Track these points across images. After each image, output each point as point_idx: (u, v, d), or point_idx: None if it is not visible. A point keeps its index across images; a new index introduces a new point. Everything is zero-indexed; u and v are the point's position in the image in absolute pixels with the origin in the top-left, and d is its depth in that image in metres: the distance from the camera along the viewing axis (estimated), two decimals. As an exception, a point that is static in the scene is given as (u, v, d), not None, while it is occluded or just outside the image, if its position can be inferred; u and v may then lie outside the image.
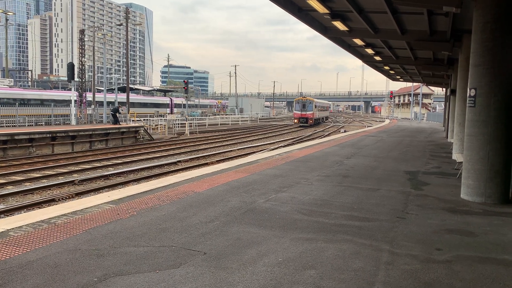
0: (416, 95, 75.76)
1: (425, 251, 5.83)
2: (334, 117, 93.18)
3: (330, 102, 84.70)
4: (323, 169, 12.95)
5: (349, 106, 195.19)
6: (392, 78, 44.34)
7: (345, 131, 41.33)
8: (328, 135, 38.04)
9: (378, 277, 4.90)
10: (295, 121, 55.69)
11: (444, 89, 47.43)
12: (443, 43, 16.78)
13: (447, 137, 27.50)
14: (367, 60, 27.14)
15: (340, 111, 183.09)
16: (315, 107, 56.04)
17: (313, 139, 33.12)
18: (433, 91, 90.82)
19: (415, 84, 65.22)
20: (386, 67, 31.79)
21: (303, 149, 18.90)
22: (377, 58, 24.77)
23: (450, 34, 15.37)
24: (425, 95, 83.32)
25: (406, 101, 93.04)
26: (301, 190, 9.67)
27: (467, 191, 9.23)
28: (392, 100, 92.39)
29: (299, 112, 55.15)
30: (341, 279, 4.81)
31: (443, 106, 67.09)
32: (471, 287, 4.72)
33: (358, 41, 19.70)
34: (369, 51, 22.44)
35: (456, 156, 14.16)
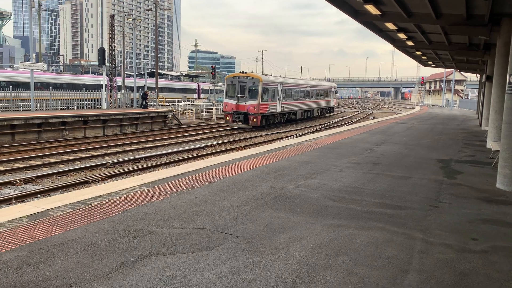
0: (448, 81, 73.75)
1: (460, 241, 5.73)
2: (362, 103, 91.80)
3: (334, 84, 51.79)
4: (353, 156, 12.82)
5: (378, 92, 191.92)
6: (424, 63, 43.15)
7: (374, 118, 40.71)
8: (357, 121, 37.56)
9: (412, 265, 4.85)
10: (227, 117, 30.98)
11: (478, 75, 45.93)
12: (480, 27, 16.16)
13: (480, 125, 26.71)
14: (399, 45, 26.46)
15: (369, 97, 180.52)
16: (265, 92, 30.18)
17: (340, 125, 32.77)
18: (466, 77, 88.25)
19: (447, 70, 63.44)
20: (418, 53, 30.93)
21: (331, 136, 18.74)
22: (409, 43, 24.11)
23: (488, 18, 14.78)
24: (458, 82, 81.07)
25: (437, 87, 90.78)
26: (330, 177, 9.62)
27: (503, 180, 8.97)
28: (423, 86, 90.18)
29: (234, 102, 30.05)
30: (374, 266, 4.79)
31: (476, 93, 65.12)
32: (510, 278, 4.62)
33: (390, 26, 19.20)
34: (401, 36, 21.85)
35: (491, 144, 13.75)
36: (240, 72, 31.60)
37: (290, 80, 37.75)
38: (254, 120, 29.59)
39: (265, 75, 33.87)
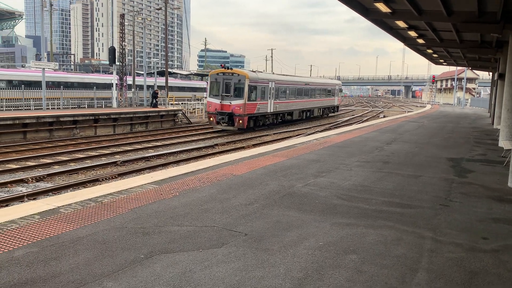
0: (459, 79, 73.05)
1: (470, 240, 5.68)
2: (372, 102, 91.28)
3: (339, 82, 48.78)
4: (363, 155, 12.76)
5: (389, 90, 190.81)
6: (435, 62, 42.76)
7: (384, 116, 40.46)
8: (367, 120, 37.36)
9: (421, 264, 4.83)
10: (210, 118, 28.30)
11: (490, 73, 45.41)
12: (492, 24, 15.97)
13: (492, 124, 26.42)
14: (409, 43, 26.26)
15: (379, 95, 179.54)
16: (252, 91, 27.37)
17: (350, 124, 32.63)
18: (478, 75, 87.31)
19: (459, 68, 62.82)
20: (429, 50, 30.67)
21: (341, 134, 18.67)
22: (420, 41, 23.91)
23: (500, 15, 14.61)
24: (469, 80, 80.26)
25: (449, 85, 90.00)
26: (340, 176, 9.59)
27: (515, 179, 8.87)
28: (434, 84, 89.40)
29: (218, 102, 27.27)
30: (383, 264, 4.77)
31: (489, 91, 64.41)
32: (520, 278, 4.57)
33: (401, 23, 19.06)
34: (412, 33, 21.68)
35: (503, 143, 13.60)
36: (225, 68, 28.12)
37: (284, 77, 34.86)
38: (240, 121, 26.66)
39: (254, 71, 30.09)
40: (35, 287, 3.99)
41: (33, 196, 10.82)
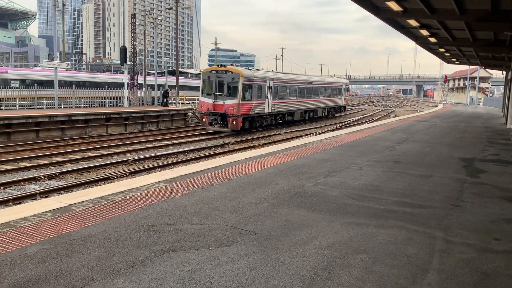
0: (472, 78, 72.24)
1: (482, 240, 5.62)
2: (384, 101, 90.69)
3: (346, 81, 47.76)
4: (373, 154, 12.69)
5: (400, 90, 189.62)
6: (447, 61, 42.30)
7: (395, 116, 40.17)
8: (378, 119, 37.13)
9: (432, 264, 4.79)
10: (203, 119, 27.29)
11: (504, 72, 44.80)
12: (506, 23, 15.77)
13: (506, 123, 26.09)
14: (421, 42, 26.01)
15: (391, 95, 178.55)
16: (247, 90, 25.80)
17: (361, 123, 32.46)
18: (491, 74, 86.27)
19: (471, 67, 62.11)
20: (441, 49, 30.35)
21: (351, 134, 18.59)
22: (432, 39, 23.67)
23: (514, 13, 14.43)
24: (482, 79, 79.36)
25: (461, 85, 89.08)
26: (350, 175, 9.55)
27: (528, 180, 8.75)
28: (446, 84, 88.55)
29: (210, 101, 25.76)
30: (394, 264, 4.74)
31: (502, 90, 63.62)
32: (533, 279, 4.51)
33: (413, 22, 18.90)
34: (424, 32, 21.48)
35: (517, 143, 13.43)
36: (218, 65, 26.74)
37: (284, 75, 33.16)
38: (234, 122, 25.11)
39: (249, 69, 28.73)
40: (47, 283, 4.04)
41: (45, 194, 10.96)
